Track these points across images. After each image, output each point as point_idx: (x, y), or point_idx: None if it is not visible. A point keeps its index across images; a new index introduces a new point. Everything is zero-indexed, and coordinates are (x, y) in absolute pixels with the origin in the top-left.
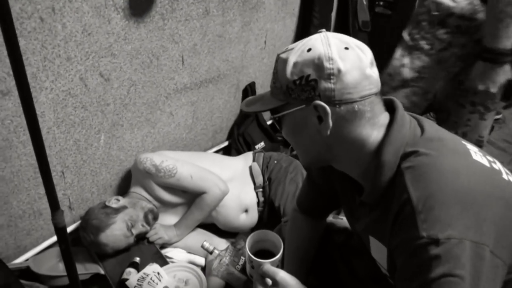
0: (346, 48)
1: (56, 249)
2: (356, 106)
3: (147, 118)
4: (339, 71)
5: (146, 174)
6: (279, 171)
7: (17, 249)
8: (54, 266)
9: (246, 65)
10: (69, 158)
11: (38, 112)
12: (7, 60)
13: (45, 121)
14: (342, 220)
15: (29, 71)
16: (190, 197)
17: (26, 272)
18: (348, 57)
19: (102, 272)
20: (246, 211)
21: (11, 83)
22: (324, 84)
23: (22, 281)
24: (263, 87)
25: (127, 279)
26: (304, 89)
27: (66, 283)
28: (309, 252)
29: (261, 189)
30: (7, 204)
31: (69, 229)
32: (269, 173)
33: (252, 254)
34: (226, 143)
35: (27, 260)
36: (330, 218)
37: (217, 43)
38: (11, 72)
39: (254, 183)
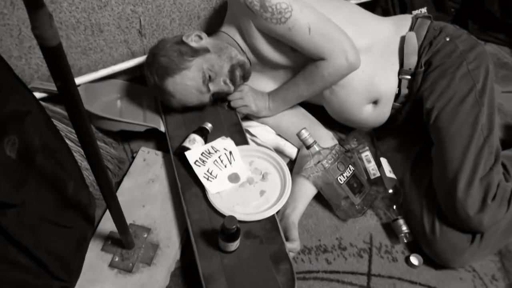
0: None
1: (118, 82)
2: None
3: None
4: None
5: (246, 10)
6: (450, 54)
7: None
8: (110, 104)
9: None
10: None
11: None
12: None
13: None
14: None
15: None
16: (302, 60)
17: None
18: None
19: (162, 129)
20: (375, 102)
21: None
22: None
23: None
24: None
25: (188, 149)
26: None
27: (117, 128)
28: None
29: (409, 76)
30: (54, 3)
31: (138, 60)
32: (431, 53)
33: None
34: None
35: (79, 86)
36: None
37: None
38: None
39: (402, 65)
